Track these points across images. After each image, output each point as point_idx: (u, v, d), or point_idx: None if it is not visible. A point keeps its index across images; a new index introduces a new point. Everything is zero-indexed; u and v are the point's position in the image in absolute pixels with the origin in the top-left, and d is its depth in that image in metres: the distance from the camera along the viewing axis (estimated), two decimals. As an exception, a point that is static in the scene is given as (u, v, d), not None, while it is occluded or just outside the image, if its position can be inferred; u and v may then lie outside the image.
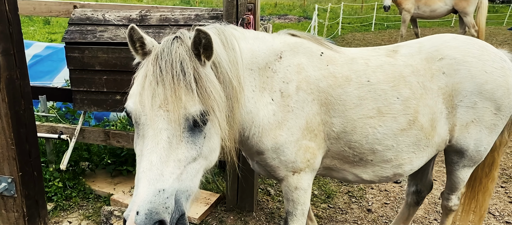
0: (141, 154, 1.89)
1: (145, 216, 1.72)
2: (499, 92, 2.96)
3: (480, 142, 3.11)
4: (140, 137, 1.95)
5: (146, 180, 1.79)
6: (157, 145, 1.86)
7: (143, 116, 1.93)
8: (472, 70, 2.94)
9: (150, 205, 1.75)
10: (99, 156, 5.00)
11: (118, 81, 3.98)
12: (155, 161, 1.83)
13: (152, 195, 1.78)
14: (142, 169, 1.81)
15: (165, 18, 3.92)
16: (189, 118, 1.95)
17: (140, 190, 1.77)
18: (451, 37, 3.18)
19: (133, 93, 2.03)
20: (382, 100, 2.82)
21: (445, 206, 3.69)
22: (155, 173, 1.82)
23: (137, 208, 1.73)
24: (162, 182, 1.83)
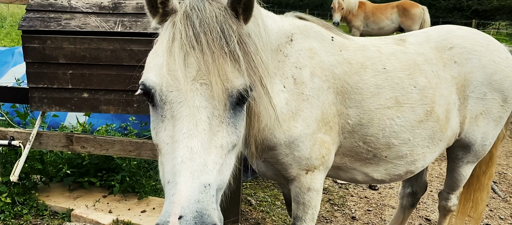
0: (173, 141, 1.49)
1: (194, 220, 1.31)
2: (506, 83, 2.89)
3: (487, 135, 3.02)
4: (167, 119, 1.55)
5: (188, 172, 1.40)
6: (196, 127, 1.48)
7: (174, 91, 1.53)
8: (482, 60, 2.85)
9: (199, 205, 1.35)
10: (55, 166, 4.37)
11: (86, 77, 3.48)
12: (197, 147, 1.45)
13: (198, 192, 1.37)
14: (180, 159, 1.41)
15: (142, 6, 3.50)
16: (233, 93, 1.58)
17: (181, 186, 1.36)
18: (456, 27, 3.10)
19: (154, 65, 1.61)
20: (399, 89, 2.63)
21: (444, 206, 3.55)
22: (198, 162, 1.43)
23: (181, 211, 1.31)
24: (207, 175, 1.44)
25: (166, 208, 1.35)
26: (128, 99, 3.51)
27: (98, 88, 3.51)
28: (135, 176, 4.34)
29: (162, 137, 1.56)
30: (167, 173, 1.47)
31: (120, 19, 3.46)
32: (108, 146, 3.72)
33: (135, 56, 3.40)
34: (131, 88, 3.47)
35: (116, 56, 3.41)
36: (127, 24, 3.43)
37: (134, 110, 3.54)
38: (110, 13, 3.51)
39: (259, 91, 1.70)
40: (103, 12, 3.51)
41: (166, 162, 1.50)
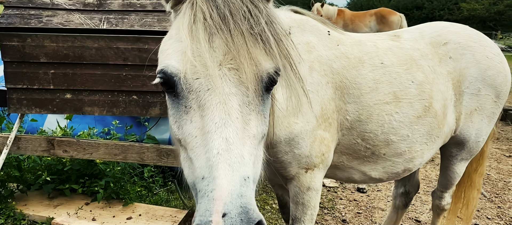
0: (203, 133, 1.37)
1: (239, 217, 1.20)
2: (499, 78, 2.90)
3: (481, 131, 3.01)
4: (192, 110, 1.43)
5: (227, 164, 1.28)
6: (229, 115, 1.36)
7: (201, 77, 1.41)
8: (476, 55, 2.85)
9: (242, 199, 1.23)
10: (34, 173, 4.15)
11: (69, 77, 3.31)
12: (232, 137, 1.34)
13: (239, 186, 1.25)
14: (215, 151, 1.30)
15: (130, 3, 3.38)
16: (263, 78, 1.46)
17: (221, 180, 1.24)
18: (448, 24, 3.11)
19: (174, 50, 1.48)
20: (397, 84, 2.59)
21: (438, 205, 3.53)
22: (236, 153, 1.31)
23: (224, 208, 1.20)
24: (245, 167, 1.32)
25: (205, 206, 1.22)
26: (114, 99, 3.36)
27: (82, 88, 3.34)
28: (119, 182, 4.16)
29: (188, 129, 1.43)
30: (199, 169, 1.33)
31: (105, 17, 3.32)
32: (92, 150, 3.54)
33: (122, 55, 3.26)
34: (117, 89, 3.33)
35: (101, 55, 3.26)
36: (113, 22, 3.29)
37: (121, 112, 3.39)
38: (95, 10, 3.37)
39: (289, 75, 1.57)
40: (88, 9, 3.36)
41: (196, 157, 1.36)
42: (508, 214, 4.93)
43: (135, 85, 3.32)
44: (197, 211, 1.27)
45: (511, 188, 5.75)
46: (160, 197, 4.50)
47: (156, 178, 4.69)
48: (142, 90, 3.33)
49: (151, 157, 3.51)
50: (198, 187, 1.32)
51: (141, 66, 3.29)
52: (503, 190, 5.66)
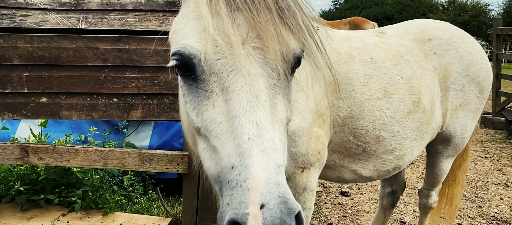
0: (229, 118, 1.26)
1: (279, 208, 1.09)
2: (482, 74, 2.93)
3: (466, 127, 3.03)
4: (214, 94, 1.32)
5: (260, 150, 1.17)
6: (257, 98, 1.26)
7: (224, 58, 1.30)
8: (459, 51, 2.88)
9: (280, 188, 1.13)
10: (6, 183, 3.92)
11: (45, 79, 3.15)
12: (263, 121, 1.23)
13: (275, 174, 1.15)
14: (246, 136, 1.19)
15: (109, 3, 3.25)
16: (289, 58, 1.37)
17: (255, 168, 1.13)
18: (430, 20, 3.14)
19: (192, 29, 1.37)
20: (387, 79, 2.57)
21: (425, 204, 3.52)
22: (268, 139, 1.21)
23: (261, 198, 1.09)
24: (278, 153, 1.22)
25: (238, 198, 1.11)
26: (93, 103, 3.21)
27: (59, 91, 3.18)
28: (98, 191, 3.98)
29: (211, 115, 1.32)
30: (227, 157, 1.22)
31: (84, 16, 3.18)
32: (70, 156, 3.37)
33: (101, 56, 3.13)
34: (96, 91, 3.19)
35: (79, 56, 3.12)
36: (92, 21, 3.16)
37: (100, 115, 3.24)
38: (72, 10, 3.23)
39: (316, 56, 1.47)
40: (64, 8, 3.22)
41: (222, 145, 1.25)
42: (489, 213, 5.00)
43: (115, 87, 3.19)
44: (226, 205, 1.14)
45: (489, 187, 5.85)
46: (141, 206, 4.34)
47: (136, 187, 4.52)
48: (123, 92, 3.20)
49: (132, 162, 3.36)
50: (226, 177, 1.20)
51: (122, 67, 3.16)
52: (482, 190, 5.75)
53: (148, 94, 3.22)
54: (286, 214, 1.10)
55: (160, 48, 3.14)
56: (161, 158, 3.37)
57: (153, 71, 3.18)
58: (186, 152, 3.39)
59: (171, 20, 3.21)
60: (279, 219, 1.09)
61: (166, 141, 4.86)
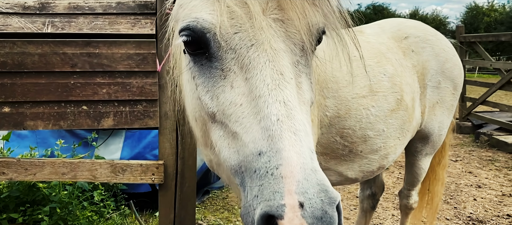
0: (251, 98, 1.13)
1: (319, 196, 0.97)
2: (456, 71, 2.97)
3: (443, 124, 3.05)
4: (232, 73, 1.18)
5: (291, 132, 1.05)
6: (282, 75, 1.13)
7: (242, 31, 1.17)
8: (435, 48, 2.91)
9: (318, 175, 1.02)
10: (-36, 203, 3.63)
11: (7, 87, 2.94)
12: (291, 100, 1.11)
13: (310, 159, 1.04)
14: (274, 117, 1.06)
15: (77, 6, 3.09)
16: (313, 33, 1.25)
17: (288, 152, 1.01)
18: (404, 19, 3.18)
19: (203, 1, 1.23)
20: (371, 77, 2.55)
21: (406, 204, 3.50)
22: (298, 120, 1.09)
23: (298, 187, 0.96)
24: (309, 137, 1.11)
25: (271, 188, 0.97)
26: (61, 111, 3.02)
27: (23, 100, 2.97)
28: (67, 207, 3.75)
29: (229, 97, 1.17)
30: (252, 143, 1.08)
31: (50, 20, 3.01)
32: (36, 170, 3.14)
33: (69, 61, 2.95)
34: (64, 99, 3.00)
35: (45, 62, 2.94)
36: (59, 25, 2.99)
37: (69, 125, 3.05)
38: (37, 13, 3.05)
39: (339, 29, 1.36)
40: (28, 12, 3.04)
41: (245, 129, 1.11)
42: (465, 214, 5.06)
43: (85, 94, 3.01)
44: (254, 197, 1.00)
45: (462, 189, 5.95)
46: (114, 222, 4.12)
47: (108, 202, 4.30)
48: (93, 99, 3.03)
49: (104, 173, 3.17)
50: (252, 166, 1.06)
51: (92, 72, 3.00)
52: (456, 191, 5.84)
53: (120, 100, 3.07)
54: (327, 204, 0.98)
55: (132, 52, 3.00)
56: (135, 168, 3.20)
57: (125, 76, 3.03)
58: (161, 161, 3.24)
59: (143, 23, 3.09)
60: (320, 210, 0.96)
61: (138, 153, 4.68)
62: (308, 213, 0.94)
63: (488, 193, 5.80)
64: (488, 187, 6.07)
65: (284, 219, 0.94)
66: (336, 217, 0.99)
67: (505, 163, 7.26)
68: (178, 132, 3.19)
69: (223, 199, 5.32)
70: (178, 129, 3.18)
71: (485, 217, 4.97)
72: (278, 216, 0.94)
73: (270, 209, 0.95)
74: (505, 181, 6.34)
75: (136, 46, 3.01)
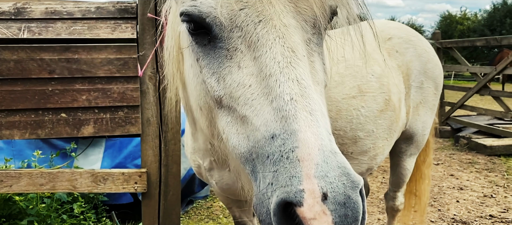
0: (261, 78, 1.05)
1: (340, 180, 0.90)
2: (437, 71, 3.01)
3: (426, 124, 3.08)
4: (239, 53, 1.11)
5: (307, 112, 0.98)
6: (294, 53, 1.06)
7: (250, 6, 1.09)
8: (417, 49, 2.94)
9: (339, 157, 0.94)
10: None
11: (-19, 95, 2.82)
12: (305, 79, 1.04)
13: (328, 140, 0.96)
14: (287, 97, 0.99)
15: (54, 11, 3.00)
16: (326, 11, 1.19)
17: (305, 133, 0.94)
18: (385, 20, 3.21)
19: None
20: (360, 78, 2.54)
21: (392, 206, 3.49)
22: (314, 99, 1.02)
23: (317, 170, 0.89)
24: (326, 119, 1.05)
25: (287, 173, 0.90)
26: (38, 120, 2.91)
27: (-2, 108, 2.86)
28: (45, 220, 3.60)
29: (237, 78, 1.09)
30: (264, 126, 1.00)
31: (26, 25, 2.91)
32: (12, 181, 3.01)
33: (47, 67, 2.86)
34: (42, 106, 2.90)
35: (22, 68, 2.83)
36: (36, 30, 2.90)
37: (47, 133, 2.93)
38: (12, 19, 2.94)
39: (351, 6, 1.30)
40: (3, 17, 2.93)
41: (255, 111, 1.03)
42: (449, 216, 5.10)
43: (63, 101, 2.91)
44: (268, 185, 0.93)
45: (445, 192, 6.00)
46: (94, 234, 3.99)
47: (88, 214, 4.16)
48: (72, 106, 2.93)
49: (85, 183, 3.06)
50: (264, 151, 0.98)
51: (71, 79, 2.90)
52: (439, 194, 5.89)
53: (101, 107, 2.98)
54: (350, 188, 0.90)
55: (113, 57, 2.92)
56: (117, 177, 3.10)
57: (106, 82, 2.95)
58: (144, 169, 3.15)
59: (124, 28, 3.02)
60: (343, 195, 0.88)
61: (119, 163, 4.56)
62: (330, 198, 0.87)
63: (470, 195, 5.87)
64: (470, 188, 6.15)
65: (303, 206, 0.87)
66: (360, 202, 0.92)
67: (484, 165, 7.38)
68: (161, 138, 3.12)
69: (207, 208, 5.23)
70: (161, 135, 3.11)
71: (468, 218, 5.02)
72: (297, 203, 0.87)
73: (288, 196, 0.88)
74: (485, 182, 6.44)
75: (117, 51, 2.94)
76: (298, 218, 0.89)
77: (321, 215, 0.86)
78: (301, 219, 0.88)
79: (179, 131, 3.14)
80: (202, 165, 2.06)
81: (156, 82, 3.00)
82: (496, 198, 5.73)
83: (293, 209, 0.89)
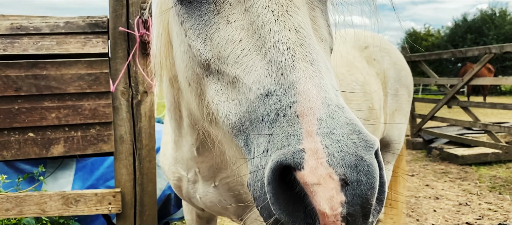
0: (253, 31, 0.92)
1: (350, 138, 0.76)
2: (409, 78, 3.05)
3: (401, 131, 3.10)
4: (227, 6, 0.97)
5: (307, 62, 0.84)
6: (291, 1, 0.93)
7: None
8: (392, 57, 2.97)
9: (347, 113, 0.80)
10: None
11: None
12: (304, 27, 0.90)
13: (334, 94, 0.83)
14: (284, 46, 0.86)
15: (20, 26, 2.88)
16: None
17: (305, 85, 0.80)
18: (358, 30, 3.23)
19: None
20: (345, 86, 2.52)
21: (373, 217, 3.46)
22: (316, 50, 0.89)
23: (320, 125, 0.75)
24: (332, 75, 0.90)
25: (284, 132, 0.76)
26: (3, 140, 2.75)
27: (-41, 130, 2.69)
28: (11, 249, 3.38)
29: (225, 35, 0.95)
30: (256, 83, 0.86)
31: (-11, 41, 2.77)
32: (-25, 208, 2.82)
33: (13, 84, 2.72)
34: (7, 126, 2.74)
35: (-15, 86, 2.68)
36: (0, 46, 2.76)
37: (13, 155, 2.78)
38: (-25, 35, 2.80)
39: None
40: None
41: (246, 69, 0.90)
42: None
43: (31, 120, 2.77)
44: (262, 153, 0.79)
45: (422, 202, 6.05)
46: (66, 261, 3.77)
47: (59, 240, 3.94)
48: (41, 125, 2.79)
49: (55, 206, 2.90)
50: (258, 115, 0.84)
51: (39, 96, 2.77)
52: (416, 204, 5.93)
53: (71, 125, 2.85)
54: (363, 148, 0.75)
55: (84, 72, 2.81)
56: (89, 198, 2.95)
57: (76, 98, 2.83)
58: (118, 188, 3.02)
59: (94, 42, 2.92)
60: (353, 155, 0.73)
61: (91, 185, 4.37)
62: (337, 159, 0.72)
63: (446, 204, 5.93)
64: (445, 198, 6.23)
65: (304, 169, 0.72)
66: (376, 165, 0.77)
67: (457, 174, 7.52)
68: (135, 156, 3.00)
69: (184, 229, 5.07)
70: (135, 153, 2.99)
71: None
72: (296, 166, 0.72)
73: (284, 158, 0.73)
74: (459, 191, 6.54)
75: (88, 66, 2.83)
76: (299, 185, 0.74)
77: (326, 179, 0.71)
78: (302, 185, 0.73)
79: (154, 148, 3.03)
80: (184, 177, 1.91)
81: (129, 98, 2.90)
82: (471, 206, 5.82)
83: (292, 176, 0.75)
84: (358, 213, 0.74)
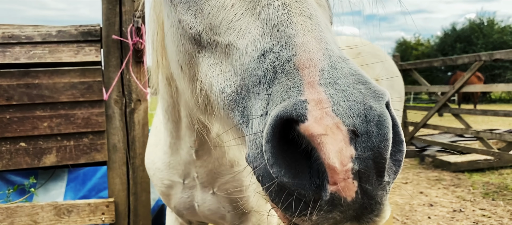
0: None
1: (356, 88, 0.71)
2: (400, 83, 3.08)
3: None
4: None
5: (304, 16, 0.80)
6: None
7: None
8: (384, 63, 2.99)
9: (351, 64, 0.76)
10: None
11: None
12: None
13: (336, 47, 0.78)
14: (279, 2, 0.81)
15: (12, 35, 2.85)
16: None
17: (303, 37, 0.76)
18: (348, 36, 3.24)
19: None
20: None
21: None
22: (313, 6, 0.84)
23: (323, 76, 0.70)
24: (332, 34, 0.85)
25: (284, 86, 0.70)
26: (-6, 150, 2.71)
27: (-51, 140, 2.64)
28: (2, 262, 3.30)
29: (215, 3, 0.90)
30: (251, 45, 0.81)
31: (-20, 50, 2.74)
32: (-36, 220, 2.77)
33: (4, 93, 2.69)
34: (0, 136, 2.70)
35: (-25, 95, 2.65)
36: (-9, 55, 2.73)
37: (4, 164, 2.74)
38: (-35, 44, 2.77)
39: None
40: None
41: (240, 33, 0.84)
42: (422, 232, 5.12)
43: (23, 129, 2.74)
44: (261, 117, 0.73)
45: (416, 209, 6.05)
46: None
47: (50, 253, 3.86)
48: (33, 134, 2.76)
49: (47, 217, 2.85)
50: (256, 76, 0.78)
51: (31, 105, 2.74)
52: (410, 212, 5.93)
53: (64, 134, 2.81)
54: (372, 97, 0.70)
55: (77, 80, 2.79)
56: (82, 208, 2.91)
57: (69, 107, 2.80)
58: (112, 198, 2.98)
59: (87, 50, 2.90)
60: (361, 104, 0.67)
61: (83, 196, 4.29)
62: (344, 108, 0.66)
63: (440, 210, 5.94)
64: (439, 204, 6.23)
65: (308, 120, 0.65)
66: (388, 114, 0.70)
67: (450, 181, 7.55)
68: (128, 165, 2.97)
69: (178, 240, 5.00)
70: (129, 162, 2.96)
71: (441, 233, 5.06)
72: (298, 117, 0.65)
73: (285, 110, 0.66)
74: (453, 198, 6.56)
75: (80, 74, 2.81)
76: (304, 139, 0.67)
77: (334, 130, 0.65)
78: (308, 137, 0.65)
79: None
80: (178, 183, 1.83)
81: (123, 106, 2.88)
82: (465, 212, 5.83)
83: (295, 133, 0.68)
84: (371, 169, 0.68)
